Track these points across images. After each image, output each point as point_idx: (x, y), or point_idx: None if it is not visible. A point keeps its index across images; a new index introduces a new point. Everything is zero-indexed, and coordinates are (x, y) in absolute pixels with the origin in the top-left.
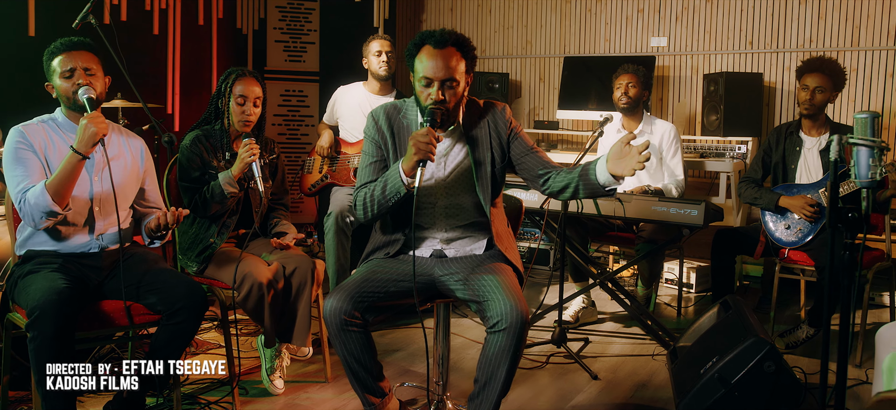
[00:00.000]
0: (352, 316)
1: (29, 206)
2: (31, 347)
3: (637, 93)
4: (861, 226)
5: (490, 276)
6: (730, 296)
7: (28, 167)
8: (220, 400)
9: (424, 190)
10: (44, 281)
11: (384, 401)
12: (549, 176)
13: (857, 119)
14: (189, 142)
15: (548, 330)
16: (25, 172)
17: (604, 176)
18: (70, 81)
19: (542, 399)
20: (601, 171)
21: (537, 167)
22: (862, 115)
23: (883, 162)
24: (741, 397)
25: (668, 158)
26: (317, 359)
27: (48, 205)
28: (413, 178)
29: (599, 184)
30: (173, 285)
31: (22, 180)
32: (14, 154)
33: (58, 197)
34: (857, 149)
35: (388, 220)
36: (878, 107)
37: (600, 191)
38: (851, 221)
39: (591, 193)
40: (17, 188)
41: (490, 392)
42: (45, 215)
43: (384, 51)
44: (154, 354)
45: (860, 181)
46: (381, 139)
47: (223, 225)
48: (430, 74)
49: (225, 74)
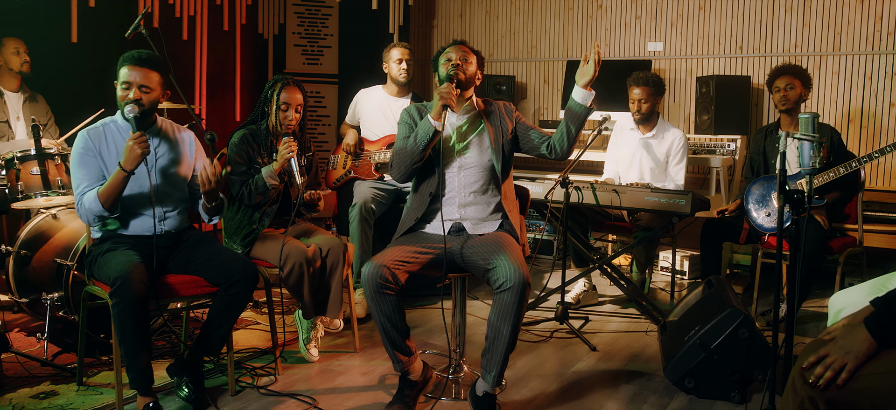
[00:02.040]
0: (386, 282)
1: (84, 209)
2: (115, 311)
3: (649, 106)
4: (803, 205)
5: (499, 248)
6: (714, 276)
7: (88, 171)
8: (264, 366)
9: (445, 162)
10: (122, 256)
11: (410, 360)
12: (547, 140)
13: (801, 119)
14: (237, 140)
15: (552, 310)
16: (85, 175)
17: (579, 95)
18: (124, 94)
19: (547, 366)
20: (576, 94)
21: (538, 138)
22: (805, 116)
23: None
24: (719, 360)
25: (672, 164)
26: (346, 334)
27: (99, 209)
28: (440, 122)
29: (579, 103)
30: (229, 261)
31: (81, 183)
32: (78, 158)
33: (107, 204)
34: (801, 142)
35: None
36: (857, 107)
37: (584, 111)
38: (795, 201)
39: (578, 120)
40: (78, 189)
41: (498, 346)
42: (97, 218)
43: (404, 59)
44: (211, 321)
45: (803, 169)
46: (413, 124)
47: (264, 213)
48: (451, 55)
49: (271, 81)
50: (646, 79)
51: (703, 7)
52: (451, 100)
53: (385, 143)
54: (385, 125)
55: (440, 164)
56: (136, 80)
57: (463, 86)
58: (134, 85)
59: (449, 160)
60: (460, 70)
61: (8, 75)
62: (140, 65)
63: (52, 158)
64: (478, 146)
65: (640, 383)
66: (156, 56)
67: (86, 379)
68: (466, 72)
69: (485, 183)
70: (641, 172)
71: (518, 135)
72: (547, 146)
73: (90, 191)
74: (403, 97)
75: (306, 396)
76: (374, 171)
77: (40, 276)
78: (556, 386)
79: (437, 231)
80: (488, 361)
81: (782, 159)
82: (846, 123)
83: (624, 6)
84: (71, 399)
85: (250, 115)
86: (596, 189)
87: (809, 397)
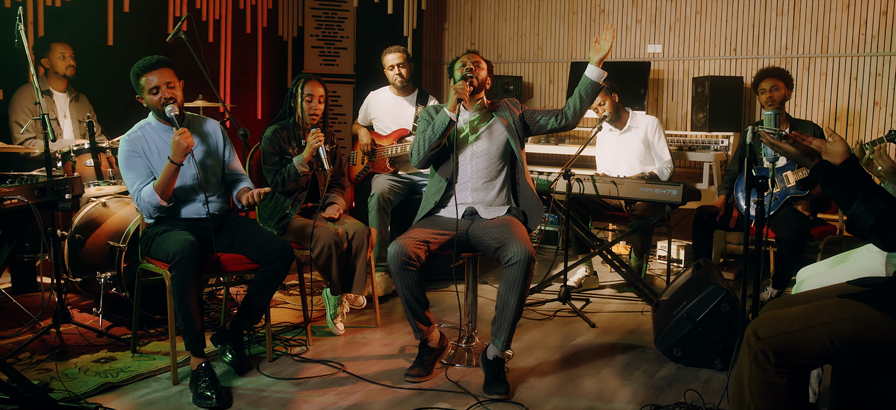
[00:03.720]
0: (409, 260)
1: (143, 202)
2: (174, 283)
3: (612, 107)
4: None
5: (507, 229)
6: (702, 259)
7: (137, 170)
8: (295, 338)
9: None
10: (178, 236)
11: (429, 329)
12: (555, 113)
13: (765, 115)
14: (270, 134)
15: (556, 293)
16: (136, 175)
17: (593, 73)
18: (157, 97)
19: (550, 339)
20: (590, 71)
21: (544, 116)
22: (768, 112)
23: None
24: (704, 331)
25: (655, 145)
26: (367, 311)
27: (156, 200)
28: (454, 113)
29: (592, 79)
30: (269, 241)
31: (135, 181)
32: (126, 161)
33: (162, 194)
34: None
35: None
36: (843, 107)
37: (597, 84)
38: (760, 185)
39: (591, 92)
40: (133, 187)
41: (507, 314)
42: (155, 208)
43: (396, 65)
44: (252, 295)
45: (768, 157)
46: (431, 120)
47: (296, 199)
48: (465, 61)
49: (295, 79)
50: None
51: (700, 12)
52: (465, 95)
53: (396, 137)
54: (395, 122)
55: (454, 151)
56: (162, 81)
57: (476, 88)
58: (162, 86)
59: (462, 149)
60: (473, 73)
61: (55, 77)
62: (156, 67)
63: (104, 152)
64: (488, 137)
65: (633, 354)
66: (163, 56)
67: (138, 348)
68: (479, 76)
69: (495, 170)
70: (629, 164)
71: (526, 121)
72: (555, 117)
73: (145, 186)
74: (409, 95)
75: (335, 362)
76: (389, 165)
77: (94, 258)
78: (559, 356)
79: (452, 215)
80: (498, 328)
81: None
82: (833, 121)
83: (625, 10)
84: (128, 363)
85: (279, 112)
86: (596, 181)
87: (761, 349)
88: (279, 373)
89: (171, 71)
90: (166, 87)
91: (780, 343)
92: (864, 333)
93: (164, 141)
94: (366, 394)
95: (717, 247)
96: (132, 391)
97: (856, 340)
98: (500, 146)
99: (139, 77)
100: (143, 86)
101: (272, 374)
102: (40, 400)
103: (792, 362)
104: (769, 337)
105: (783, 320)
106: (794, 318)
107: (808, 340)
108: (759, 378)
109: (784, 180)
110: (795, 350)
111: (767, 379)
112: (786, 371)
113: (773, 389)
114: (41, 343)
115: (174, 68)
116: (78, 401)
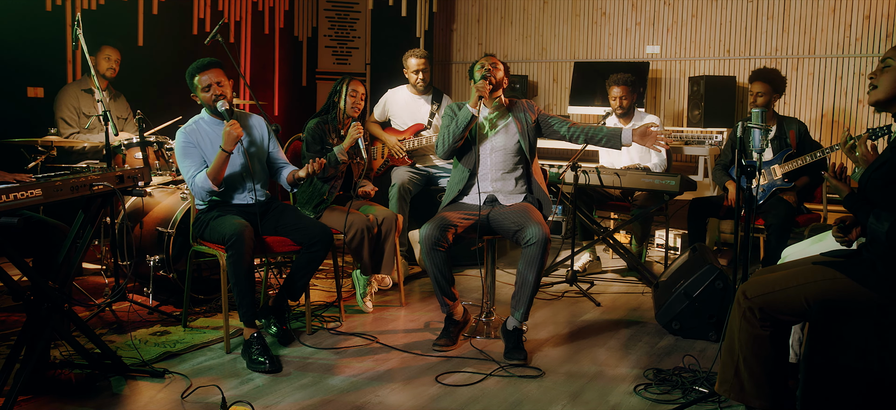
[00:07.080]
0: (438, 241)
1: (197, 188)
2: (230, 261)
3: (629, 102)
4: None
5: (525, 213)
6: (698, 243)
7: (193, 159)
8: (329, 314)
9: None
10: (232, 219)
11: (455, 304)
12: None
13: (752, 112)
14: (313, 126)
15: (564, 277)
16: (191, 163)
17: (626, 138)
18: (209, 94)
19: (560, 316)
20: (626, 135)
21: (559, 123)
22: (756, 110)
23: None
24: (700, 306)
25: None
26: (393, 292)
27: (209, 186)
28: (476, 109)
29: (621, 142)
30: (310, 225)
31: (190, 169)
32: (182, 151)
33: (214, 180)
34: (752, 130)
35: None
36: (829, 106)
37: (617, 146)
38: (749, 173)
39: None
40: (188, 174)
41: (525, 289)
42: (207, 193)
43: (420, 69)
44: (294, 273)
45: (755, 149)
46: (454, 115)
47: (332, 186)
48: (484, 63)
49: (340, 79)
50: (624, 79)
51: (696, 15)
52: (485, 93)
53: (412, 131)
54: (412, 118)
55: (476, 144)
56: (213, 80)
57: (494, 87)
58: (213, 84)
59: (482, 142)
60: (491, 73)
61: (97, 77)
62: (209, 68)
63: (152, 145)
64: (505, 133)
65: (636, 328)
66: (214, 59)
67: (189, 324)
68: (496, 77)
69: (511, 163)
70: (630, 158)
71: (540, 125)
72: (568, 132)
73: (199, 173)
74: (426, 94)
75: (368, 335)
76: (407, 158)
77: (142, 242)
78: (568, 330)
79: (475, 201)
80: (517, 301)
81: (740, 142)
82: (820, 118)
83: (625, 13)
84: (180, 336)
85: (322, 107)
86: (600, 172)
87: (749, 307)
88: (319, 344)
89: (220, 71)
90: (217, 86)
91: (765, 302)
92: (832, 293)
93: (216, 133)
94: (400, 361)
95: (711, 235)
96: (190, 358)
97: (826, 298)
98: (514, 144)
99: (194, 76)
100: (196, 84)
101: (313, 345)
102: (117, 365)
103: (774, 317)
104: (755, 296)
105: (767, 282)
106: (776, 281)
107: (787, 299)
108: (746, 332)
109: (771, 173)
110: (777, 307)
111: (754, 332)
112: (769, 325)
113: (759, 340)
114: (99, 319)
115: (224, 69)
116: (147, 365)
